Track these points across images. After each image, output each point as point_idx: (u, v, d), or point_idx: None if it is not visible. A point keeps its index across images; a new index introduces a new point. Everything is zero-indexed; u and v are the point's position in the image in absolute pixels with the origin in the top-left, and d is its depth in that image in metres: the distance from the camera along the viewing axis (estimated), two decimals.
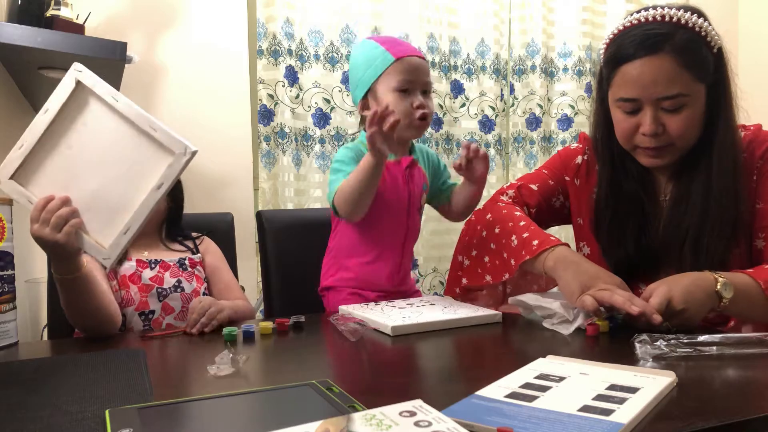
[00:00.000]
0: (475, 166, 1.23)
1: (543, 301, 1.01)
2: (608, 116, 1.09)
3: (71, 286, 0.96)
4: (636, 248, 1.09)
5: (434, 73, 2.35)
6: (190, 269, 1.22)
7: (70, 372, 0.75)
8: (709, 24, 1.00)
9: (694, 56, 0.98)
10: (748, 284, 0.93)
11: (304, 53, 2.16)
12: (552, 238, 1.06)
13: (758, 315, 0.96)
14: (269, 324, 0.97)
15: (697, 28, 0.98)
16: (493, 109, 2.46)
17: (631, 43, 1.00)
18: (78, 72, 0.90)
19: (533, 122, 2.50)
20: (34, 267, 1.51)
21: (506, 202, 1.22)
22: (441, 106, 2.39)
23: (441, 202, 1.39)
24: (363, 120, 1.31)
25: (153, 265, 1.19)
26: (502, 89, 2.48)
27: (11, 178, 0.91)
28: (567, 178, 1.24)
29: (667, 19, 0.98)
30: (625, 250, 1.10)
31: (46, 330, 1.31)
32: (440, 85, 2.37)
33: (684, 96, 0.98)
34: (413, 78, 1.22)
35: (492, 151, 2.46)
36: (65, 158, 0.92)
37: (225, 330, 0.92)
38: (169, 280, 1.19)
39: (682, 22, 0.98)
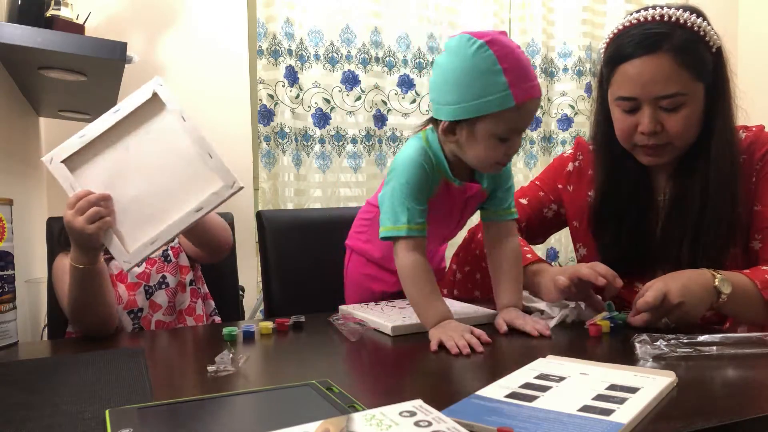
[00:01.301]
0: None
1: (532, 299, 1.08)
2: (608, 116, 1.09)
3: (84, 276, 0.98)
4: (631, 247, 1.10)
5: None
6: (173, 260, 1.22)
7: (70, 372, 0.75)
8: (708, 24, 1.00)
9: (692, 55, 0.98)
10: (746, 283, 0.93)
11: (304, 53, 2.16)
12: (528, 255, 1.12)
13: (755, 315, 0.96)
14: (269, 324, 0.97)
15: (695, 28, 0.98)
16: None
17: (630, 43, 1.00)
18: (158, 85, 0.95)
19: (533, 122, 2.50)
20: (34, 267, 1.50)
21: None
22: None
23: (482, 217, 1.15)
24: (434, 122, 1.04)
25: (139, 262, 1.19)
26: None
27: (63, 162, 0.94)
28: (560, 186, 1.26)
29: (666, 18, 0.99)
30: (620, 249, 1.11)
31: (46, 330, 1.31)
32: None
33: (682, 95, 0.98)
34: (521, 126, 0.98)
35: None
36: (119, 158, 0.95)
37: (225, 330, 0.92)
38: (154, 276, 1.19)
39: (681, 21, 0.98)
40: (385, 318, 0.98)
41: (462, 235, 1.28)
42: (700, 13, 1.00)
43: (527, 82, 0.95)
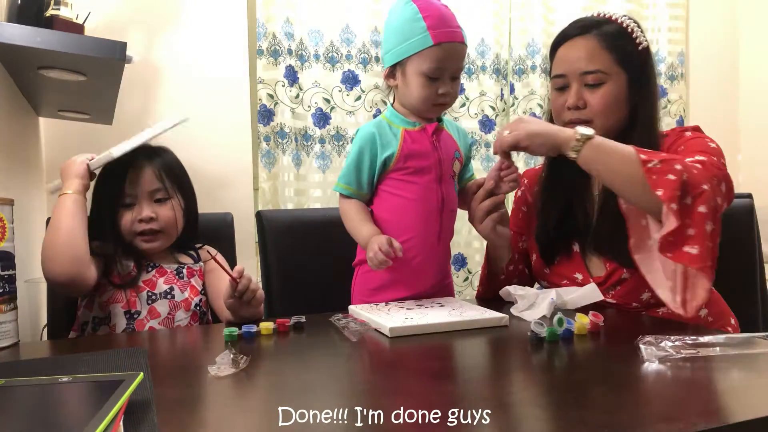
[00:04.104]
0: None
1: (523, 290, 1.10)
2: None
3: (67, 203, 1.10)
4: (560, 237, 1.19)
5: None
6: (186, 278, 1.22)
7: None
8: (640, 28, 1.16)
9: (617, 42, 1.14)
10: (624, 148, 1.00)
11: (304, 53, 2.16)
12: None
13: (626, 176, 0.99)
14: (270, 324, 0.97)
15: (624, 25, 1.15)
16: (494, 108, 2.46)
17: (567, 29, 1.19)
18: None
19: None
20: (34, 267, 1.50)
21: None
22: None
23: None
24: (388, 86, 1.29)
25: (150, 269, 1.20)
26: (502, 89, 2.48)
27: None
28: (521, 214, 1.37)
29: (601, 15, 1.19)
30: (546, 232, 1.21)
31: (45, 330, 1.31)
32: None
33: (604, 73, 1.12)
34: (446, 66, 1.15)
35: (492, 151, 2.46)
36: None
37: (226, 330, 0.92)
38: (161, 286, 1.18)
39: (613, 18, 1.16)
40: (388, 319, 0.98)
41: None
42: (638, 24, 1.17)
43: (446, 27, 1.16)
